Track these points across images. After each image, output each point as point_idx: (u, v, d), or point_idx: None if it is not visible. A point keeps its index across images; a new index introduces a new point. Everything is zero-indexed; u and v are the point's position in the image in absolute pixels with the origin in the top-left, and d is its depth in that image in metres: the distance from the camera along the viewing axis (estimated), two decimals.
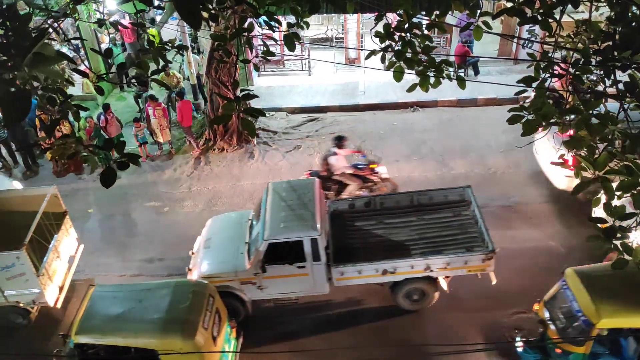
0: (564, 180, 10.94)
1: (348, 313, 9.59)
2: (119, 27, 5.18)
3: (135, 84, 15.00)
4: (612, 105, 4.24)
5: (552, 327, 7.62)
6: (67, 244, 9.97)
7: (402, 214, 10.03)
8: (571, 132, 4.13)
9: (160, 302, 7.69)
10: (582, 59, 4.12)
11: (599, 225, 3.81)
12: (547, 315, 7.84)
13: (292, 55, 17.48)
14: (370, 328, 9.27)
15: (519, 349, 7.81)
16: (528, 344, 7.66)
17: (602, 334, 7.10)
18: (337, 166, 11.29)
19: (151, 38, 5.22)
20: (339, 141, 11.36)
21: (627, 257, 3.82)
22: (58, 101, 3.79)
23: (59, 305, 9.42)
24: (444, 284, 9.09)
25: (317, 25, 20.33)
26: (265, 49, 5.28)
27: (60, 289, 9.49)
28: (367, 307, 9.66)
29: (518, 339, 7.81)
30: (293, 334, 9.27)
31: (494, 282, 8.80)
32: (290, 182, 10.14)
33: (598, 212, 9.76)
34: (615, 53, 3.75)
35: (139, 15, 4.40)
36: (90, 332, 7.47)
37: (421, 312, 9.37)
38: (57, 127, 11.42)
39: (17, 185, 11.99)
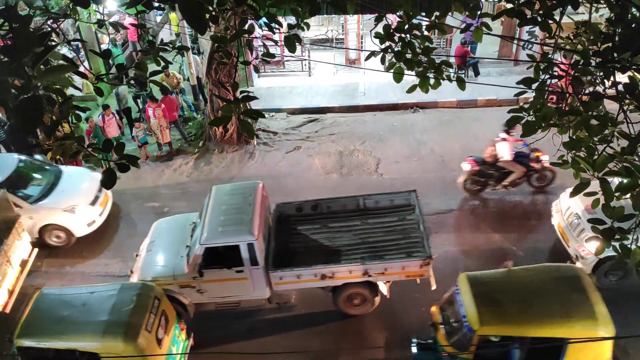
0: None
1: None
2: (125, 24, 5.17)
3: (134, 84, 14.99)
4: (612, 107, 4.25)
5: (442, 330, 7.63)
6: (19, 248, 9.90)
7: (347, 217, 10.02)
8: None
9: (104, 305, 7.67)
10: (582, 61, 4.12)
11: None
12: (440, 318, 7.82)
13: (292, 56, 17.49)
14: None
15: (414, 349, 7.81)
16: (420, 345, 7.62)
17: (494, 340, 7.09)
18: (504, 152, 11.07)
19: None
20: (509, 127, 10.87)
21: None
22: (58, 102, 3.79)
23: (8, 310, 9.30)
24: (384, 288, 9.04)
25: (318, 26, 20.36)
26: (265, 51, 5.29)
27: (11, 293, 9.41)
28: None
29: (414, 340, 7.78)
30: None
31: (434, 287, 8.70)
32: (234, 186, 10.15)
33: (556, 218, 10.08)
34: (615, 54, 3.75)
35: (139, 16, 4.40)
36: (33, 336, 7.41)
37: (365, 317, 9.34)
38: (58, 128, 11.46)
39: (97, 176, 12.09)
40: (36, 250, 10.42)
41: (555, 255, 9.97)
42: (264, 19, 4.94)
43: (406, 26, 4.80)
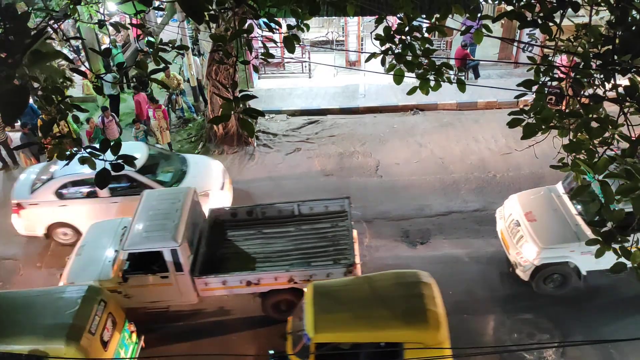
0: None
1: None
2: (127, 25, 5.16)
3: (135, 84, 15.02)
4: (612, 109, 4.24)
5: (290, 340, 7.70)
6: None
7: (281, 223, 10.06)
8: None
9: (49, 308, 7.73)
10: (582, 63, 4.12)
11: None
12: (291, 328, 7.90)
13: (292, 58, 17.49)
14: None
15: None
16: (276, 356, 7.64)
17: (344, 347, 7.17)
18: None
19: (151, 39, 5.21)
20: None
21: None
22: (56, 101, 3.78)
23: None
24: None
25: (318, 28, 20.36)
26: (265, 51, 5.28)
27: None
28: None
29: (270, 351, 7.79)
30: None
31: None
32: (163, 191, 10.19)
33: (500, 224, 10.10)
34: (615, 57, 3.74)
35: (138, 15, 4.39)
36: None
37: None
38: (58, 128, 11.46)
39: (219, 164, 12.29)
40: None
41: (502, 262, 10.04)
42: (264, 19, 4.93)
43: (406, 28, 4.78)
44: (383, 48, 4.89)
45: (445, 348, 6.89)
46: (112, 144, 3.57)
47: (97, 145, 3.63)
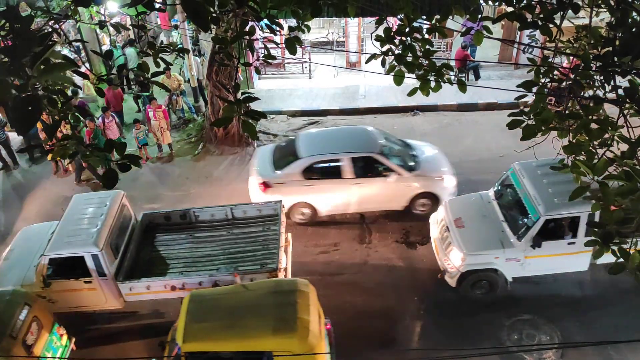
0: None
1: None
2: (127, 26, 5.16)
3: (136, 84, 15.02)
4: (612, 111, 4.25)
5: (168, 348, 7.75)
6: None
7: (214, 227, 10.02)
8: None
9: None
10: (583, 64, 4.13)
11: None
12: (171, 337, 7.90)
13: (293, 59, 17.51)
14: None
15: None
16: None
17: (224, 357, 7.17)
18: None
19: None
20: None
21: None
22: (59, 103, 3.79)
23: None
24: None
25: (318, 29, 20.39)
26: (266, 52, 5.29)
27: None
28: None
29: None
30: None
31: None
32: (91, 195, 10.15)
33: (433, 230, 9.97)
34: (615, 58, 3.75)
35: (140, 17, 4.41)
36: None
37: None
38: (59, 129, 11.47)
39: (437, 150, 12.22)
40: None
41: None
42: (265, 21, 4.94)
43: (407, 29, 4.80)
44: (383, 49, 4.91)
45: (319, 354, 6.97)
46: (114, 144, 3.58)
47: (97, 146, 3.63)
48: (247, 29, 4.58)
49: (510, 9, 4.38)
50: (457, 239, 9.22)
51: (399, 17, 4.96)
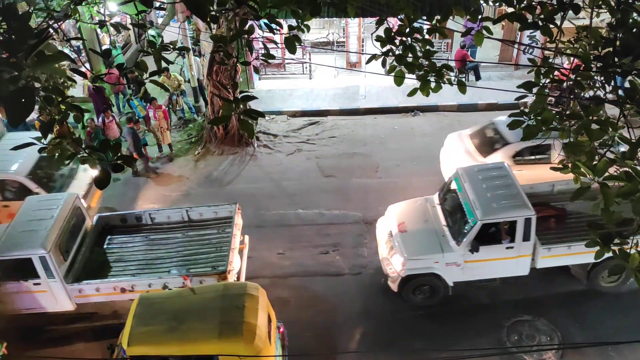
0: None
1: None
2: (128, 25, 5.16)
3: (133, 85, 15.02)
4: (612, 111, 4.24)
5: (117, 351, 7.69)
6: None
7: (169, 229, 10.01)
8: None
9: None
10: (583, 65, 4.12)
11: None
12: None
13: (293, 59, 17.51)
14: None
15: None
16: None
17: None
18: None
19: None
20: None
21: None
22: (56, 101, 3.78)
23: None
24: None
25: (319, 29, 20.39)
26: (265, 52, 5.28)
27: None
28: None
29: None
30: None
31: None
32: (44, 197, 10.05)
33: (379, 234, 9.89)
34: (616, 59, 3.75)
35: (139, 16, 4.40)
36: None
37: None
38: (58, 129, 11.44)
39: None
40: None
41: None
42: (265, 20, 4.93)
43: (407, 30, 4.79)
44: (384, 49, 4.90)
45: (268, 356, 6.97)
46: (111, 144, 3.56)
47: (95, 146, 3.61)
48: (246, 27, 4.57)
49: (510, 10, 4.38)
50: (400, 243, 9.20)
51: (399, 17, 4.96)
